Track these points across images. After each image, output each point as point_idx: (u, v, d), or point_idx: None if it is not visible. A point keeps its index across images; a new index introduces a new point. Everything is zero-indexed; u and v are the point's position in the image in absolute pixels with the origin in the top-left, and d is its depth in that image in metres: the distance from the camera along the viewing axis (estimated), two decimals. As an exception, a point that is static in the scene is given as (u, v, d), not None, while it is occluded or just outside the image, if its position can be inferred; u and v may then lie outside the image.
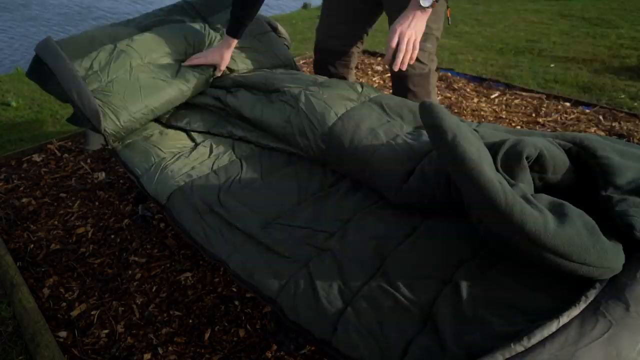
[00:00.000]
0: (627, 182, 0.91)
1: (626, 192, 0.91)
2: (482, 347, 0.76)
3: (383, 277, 1.01)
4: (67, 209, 2.04)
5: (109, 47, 1.70)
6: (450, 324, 0.85)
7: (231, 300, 1.54)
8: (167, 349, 1.38)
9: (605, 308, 0.75)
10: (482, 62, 3.67)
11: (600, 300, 0.77)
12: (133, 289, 1.60)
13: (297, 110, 1.49)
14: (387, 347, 0.87)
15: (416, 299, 0.93)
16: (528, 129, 1.27)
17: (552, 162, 0.94)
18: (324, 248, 1.13)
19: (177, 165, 1.51)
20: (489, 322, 0.82)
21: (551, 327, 0.73)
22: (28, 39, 5.99)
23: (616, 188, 0.91)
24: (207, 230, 1.27)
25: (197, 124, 1.69)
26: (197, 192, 1.38)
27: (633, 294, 0.77)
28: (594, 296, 0.78)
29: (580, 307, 0.76)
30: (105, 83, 1.62)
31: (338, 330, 0.93)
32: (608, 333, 0.72)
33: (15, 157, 2.45)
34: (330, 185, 1.39)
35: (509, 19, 4.98)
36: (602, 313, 0.75)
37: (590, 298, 0.78)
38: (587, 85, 3.11)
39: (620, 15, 4.78)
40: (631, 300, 0.76)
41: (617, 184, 0.91)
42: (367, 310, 0.94)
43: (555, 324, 0.73)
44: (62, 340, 1.42)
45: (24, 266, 1.72)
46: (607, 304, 0.76)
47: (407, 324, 0.89)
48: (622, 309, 0.75)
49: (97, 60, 1.66)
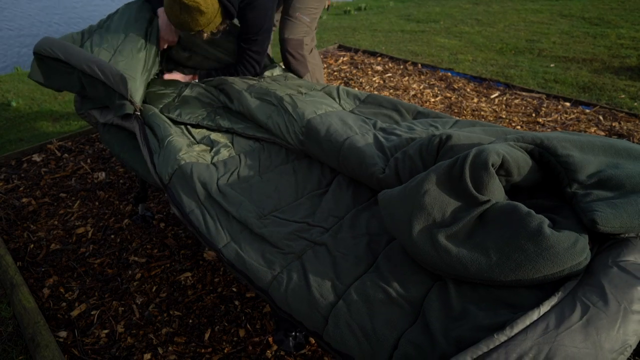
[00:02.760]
0: (588, 177, 0.96)
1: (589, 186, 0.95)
2: (470, 340, 0.78)
3: (375, 272, 1.02)
4: (67, 209, 2.04)
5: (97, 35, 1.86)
6: (439, 318, 0.87)
7: (231, 300, 1.54)
8: (167, 349, 1.38)
9: (583, 294, 0.79)
10: (482, 62, 3.67)
11: (578, 288, 0.81)
12: (133, 289, 1.60)
13: (279, 108, 1.62)
14: (378, 342, 0.88)
15: (407, 294, 0.94)
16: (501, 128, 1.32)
17: (516, 165, 0.98)
18: (318, 242, 1.15)
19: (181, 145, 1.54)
20: (476, 316, 0.84)
21: (532, 316, 0.76)
22: (28, 39, 5.99)
23: (579, 183, 0.96)
24: (206, 215, 1.29)
25: (188, 116, 1.73)
26: (196, 174, 1.40)
27: (607, 278, 0.81)
28: (573, 286, 0.82)
29: (560, 297, 0.80)
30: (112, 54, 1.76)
31: (329, 323, 0.95)
32: (587, 316, 0.75)
33: (15, 157, 2.45)
34: (327, 184, 1.41)
35: (509, 19, 4.98)
36: (580, 299, 0.78)
37: (569, 288, 0.82)
38: (587, 85, 3.11)
39: (620, 15, 4.78)
40: (606, 283, 0.80)
41: (580, 180, 0.96)
42: (358, 304, 0.95)
43: (536, 313, 0.77)
44: (62, 340, 1.42)
45: (24, 266, 1.72)
46: (585, 290, 0.80)
47: (398, 318, 0.90)
48: (598, 293, 0.79)
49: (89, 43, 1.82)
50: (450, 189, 0.97)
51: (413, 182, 1.01)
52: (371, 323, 0.91)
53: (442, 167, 0.99)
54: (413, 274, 0.98)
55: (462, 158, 0.98)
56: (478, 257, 0.87)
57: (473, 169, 0.96)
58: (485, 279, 0.87)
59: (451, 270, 0.90)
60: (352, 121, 1.54)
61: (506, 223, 0.89)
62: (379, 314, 0.92)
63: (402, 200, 1.00)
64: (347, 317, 0.93)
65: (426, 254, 0.92)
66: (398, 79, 3.37)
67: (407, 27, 4.92)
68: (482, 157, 0.95)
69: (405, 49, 4.12)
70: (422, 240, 0.93)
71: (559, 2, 5.59)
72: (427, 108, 1.69)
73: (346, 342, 0.91)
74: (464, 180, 0.95)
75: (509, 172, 0.99)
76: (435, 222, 0.94)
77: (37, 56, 1.72)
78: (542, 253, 0.83)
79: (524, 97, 2.96)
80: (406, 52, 4.01)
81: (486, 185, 0.95)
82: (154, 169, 1.51)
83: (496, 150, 0.96)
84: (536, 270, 0.83)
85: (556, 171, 1.00)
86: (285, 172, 1.47)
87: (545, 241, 0.83)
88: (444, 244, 0.90)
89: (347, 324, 0.92)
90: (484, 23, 4.91)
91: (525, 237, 0.85)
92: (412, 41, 4.36)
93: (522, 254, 0.84)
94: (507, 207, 0.92)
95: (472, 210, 0.94)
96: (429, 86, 3.21)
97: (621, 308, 0.76)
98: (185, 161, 1.45)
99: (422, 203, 0.96)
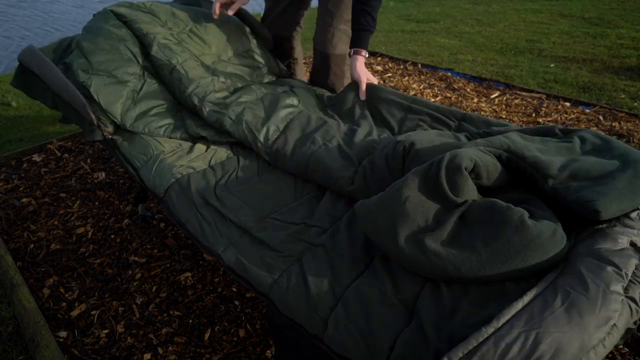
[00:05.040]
0: (559, 171, 1.03)
1: (565, 179, 1.01)
2: (461, 336, 0.80)
3: (372, 273, 1.03)
4: (67, 209, 2.04)
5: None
6: (432, 317, 0.88)
7: (231, 300, 1.54)
8: (167, 349, 1.38)
9: (563, 282, 0.83)
10: (482, 62, 3.67)
11: (558, 278, 0.85)
12: (133, 289, 1.60)
13: (237, 124, 1.59)
14: (375, 343, 0.88)
15: (402, 294, 0.95)
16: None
17: (486, 169, 1.04)
18: (317, 244, 1.15)
19: (175, 159, 1.52)
20: (467, 312, 0.86)
21: (517, 306, 0.79)
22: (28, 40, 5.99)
23: (554, 178, 1.02)
24: (202, 223, 1.29)
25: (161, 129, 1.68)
26: (194, 185, 1.39)
27: (584, 265, 0.85)
28: (554, 276, 0.85)
29: (542, 286, 0.83)
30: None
31: (329, 326, 0.95)
32: (568, 300, 0.78)
33: (15, 157, 2.45)
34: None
35: (509, 19, 4.98)
36: (561, 286, 0.82)
37: (550, 278, 0.85)
38: (587, 85, 3.11)
39: (620, 15, 4.78)
40: (584, 270, 0.84)
41: (554, 175, 1.02)
42: (356, 306, 0.95)
43: (520, 303, 0.80)
44: (62, 340, 1.42)
45: (24, 266, 1.72)
46: (564, 279, 0.84)
47: (394, 319, 0.91)
48: (577, 279, 0.82)
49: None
50: (429, 194, 1.00)
51: (391, 191, 1.03)
52: (368, 325, 0.91)
53: (417, 173, 1.03)
54: (407, 274, 0.99)
55: (436, 163, 1.02)
56: (468, 256, 0.89)
57: (448, 173, 1.00)
58: (477, 277, 0.89)
59: (443, 273, 0.92)
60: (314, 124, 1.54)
61: (489, 219, 0.93)
62: (375, 316, 0.92)
63: (381, 209, 1.01)
64: (346, 320, 0.93)
65: (415, 259, 0.94)
66: (398, 79, 3.37)
67: (407, 27, 4.92)
68: (456, 162, 0.99)
69: (405, 49, 4.11)
70: (409, 247, 0.95)
71: (559, 2, 5.59)
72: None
73: (345, 345, 0.91)
74: (441, 185, 0.99)
75: (479, 175, 1.03)
76: (419, 227, 0.97)
77: (20, 64, 1.71)
78: (529, 245, 0.87)
79: (524, 97, 2.96)
80: (406, 52, 4.01)
81: (462, 188, 0.99)
82: (143, 184, 1.51)
83: (468, 155, 1.01)
84: (525, 261, 0.87)
85: (527, 172, 1.06)
86: (284, 173, 1.47)
87: (529, 233, 0.88)
88: (433, 247, 0.92)
89: (345, 326, 0.93)
90: (484, 23, 4.91)
91: (510, 231, 0.89)
92: (412, 41, 4.36)
93: (510, 248, 0.88)
94: (486, 204, 0.96)
95: (453, 212, 0.98)
96: (429, 86, 3.21)
97: (600, 290, 0.80)
98: (182, 174, 1.44)
99: (404, 210, 0.98)
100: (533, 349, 0.72)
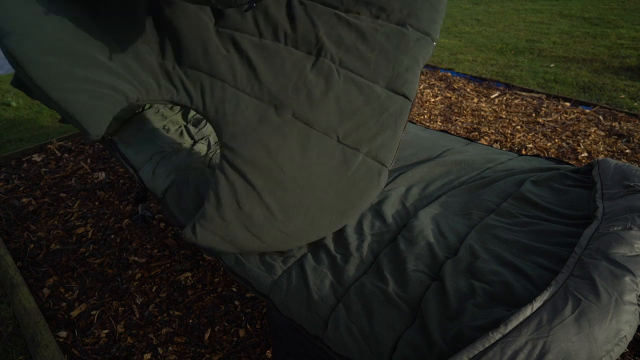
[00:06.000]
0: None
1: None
2: (466, 339, 0.79)
3: (375, 273, 1.02)
4: (67, 209, 2.04)
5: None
6: (436, 318, 0.87)
7: (231, 300, 1.54)
8: (167, 349, 1.38)
9: (574, 288, 0.81)
10: (482, 62, 3.67)
11: (569, 282, 0.83)
12: (133, 289, 1.60)
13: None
14: (377, 344, 0.88)
15: (405, 295, 0.94)
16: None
17: None
18: (318, 244, 1.14)
19: (175, 159, 1.52)
20: (472, 314, 0.85)
21: (526, 312, 0.77)
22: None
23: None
24: None
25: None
26: (193, 185, 1.39)
27: (597, 271, 0.83)
28: (564, 280, 0.83)
29: (552, 291, 0.81)
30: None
31: (329, 326, 0.94)
32: (579, 309, 0.77)
33: (15, 157, 2.45)
34: None
35: (509, 19, 4.98)
36: (572, 293, 0.80)
37: (560, 282, 0.83)
38: (587, 85, 3.11)
39: (620, 15, 4.78)
40: (596, 276, 0.81)
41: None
42: (357, 306, 0.95)
43: (529, 309, 0.78)
44: (62, 340, 1.42)
45: (24, 266, 1.72)
46: (576, 284, 0.82)
47: (397, 320, 0.90)
48: (589, 286, 0.80)
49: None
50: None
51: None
52: (370, 325, 0.90)
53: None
54: (412, 274, 0.98)
55: None
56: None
57: None
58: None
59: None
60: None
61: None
62: (377, 316, 0.92)
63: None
64: (347, 320, 0.93)
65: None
66: (398, 79, 3.37)
67: (407, 27, 4.91)
68: None
69: (405, 49, 4.11)
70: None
71: (559, 2, 5.59)
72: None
73: (346, 345, 0.90)
74: None
75: None
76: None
77: None
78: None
79: (524, 97, 2.96)
80: (406, 52, 4.00)
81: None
82: (143, 184, 1.51)
83: None
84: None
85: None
86: None
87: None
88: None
89: (346, 326, 0.92)
90: (484, 23, 4.90)
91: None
92: (412, 41, 4.36)
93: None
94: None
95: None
96: (429, 86, 3.21)
97: (612, 299, 0.78)
98: (181, 174, 1.44)
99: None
100: (540, 359, 0.71)
